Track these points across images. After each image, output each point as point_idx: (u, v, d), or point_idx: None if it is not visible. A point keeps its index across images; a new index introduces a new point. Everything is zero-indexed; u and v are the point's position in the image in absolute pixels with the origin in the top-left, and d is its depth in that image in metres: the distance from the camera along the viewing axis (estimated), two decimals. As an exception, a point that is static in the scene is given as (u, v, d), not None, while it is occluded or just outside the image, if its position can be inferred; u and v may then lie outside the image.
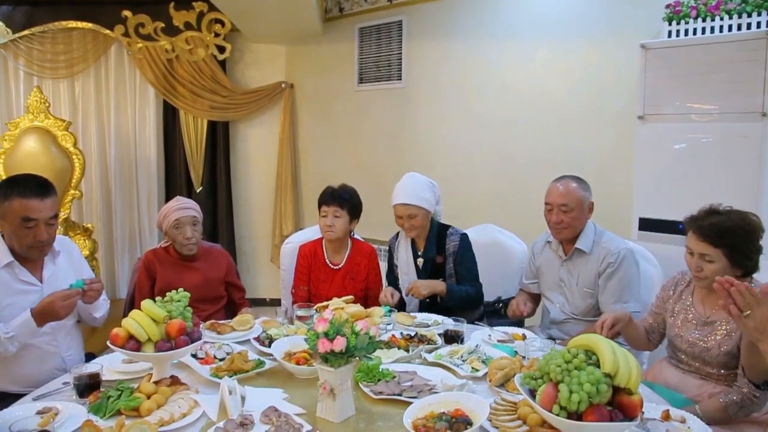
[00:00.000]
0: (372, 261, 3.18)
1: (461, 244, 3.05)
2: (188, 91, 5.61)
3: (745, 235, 2.12)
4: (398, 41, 4.91)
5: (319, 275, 3.13)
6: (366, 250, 3.20)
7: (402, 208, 3.03)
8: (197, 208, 3.04)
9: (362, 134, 5.31)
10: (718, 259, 2.13)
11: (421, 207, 3.01)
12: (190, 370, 2.15)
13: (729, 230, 2.12)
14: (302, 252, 3.18)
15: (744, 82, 3.03)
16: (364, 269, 3.15)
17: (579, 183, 2.81)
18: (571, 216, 2.75)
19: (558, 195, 2.78)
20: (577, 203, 2.75)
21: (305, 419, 1.77)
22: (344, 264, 3.13)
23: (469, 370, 2.13)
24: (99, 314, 2.55)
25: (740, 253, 2.12)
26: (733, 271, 2.13)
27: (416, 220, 3.02)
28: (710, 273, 2.15)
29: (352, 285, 3.10)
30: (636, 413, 1.46)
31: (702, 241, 2.16)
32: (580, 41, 3.92)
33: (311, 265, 3.14)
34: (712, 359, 2.19)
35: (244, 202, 6.06)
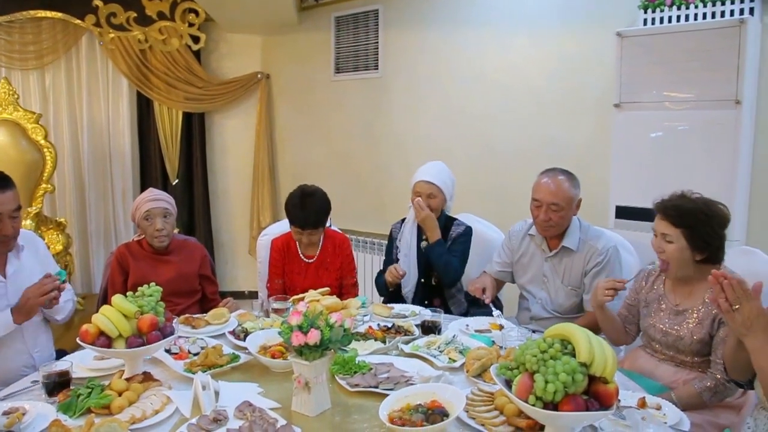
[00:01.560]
0: (345, 250, 3.16)
1: (464, 232, 3.08)
2: (162, 82, 5.52)
3: (705, 219, 2.15)
4: (375, 30, 4.86)
5: (293, 268, 3.10)
6: (338, 240, 3.17)
7: (425, 186, 3.03)
8: (170, 201, 2.99)
9: (339, 124, 5.27)
10: (677, 240, 2.17)
11: (442, 191, 3.03)
12: (164, 365, 2.12)
13: (689, 212, 2.16)
14: (275, 246, 3.15)
15: (718, 70, 3.04)
16: (337, 259, 3.12)
17: (569, 179, 2.75)
18: (560, 215, 2.71)
19: (549, 193, 2.71)
20: (567, 202, 2.70)
21: (280, 413, 1.74)
22: (317, 256, 3.10)
23: (446, 360, 2.12)
24: (60, 316, 2.50)
25: (699, 236, 2.15)
26: (693, 254, 2.18)
27: (434, 201, 3.02)
28: (669, 254, 2.19)
29: (326, 275, 3.07)
30: (612, 402, 1.46)
31: (663, 221, 2.21)
32: (557, 29, 3.91)
33: (284, 258, 3.11)
34: (685, 347, 2.21)
35: (221, 193, 6.00)
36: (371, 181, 5.06)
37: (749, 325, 1.65)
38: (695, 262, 2.19)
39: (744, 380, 1.87)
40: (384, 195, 4.94)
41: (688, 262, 2.19)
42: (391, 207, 4.71)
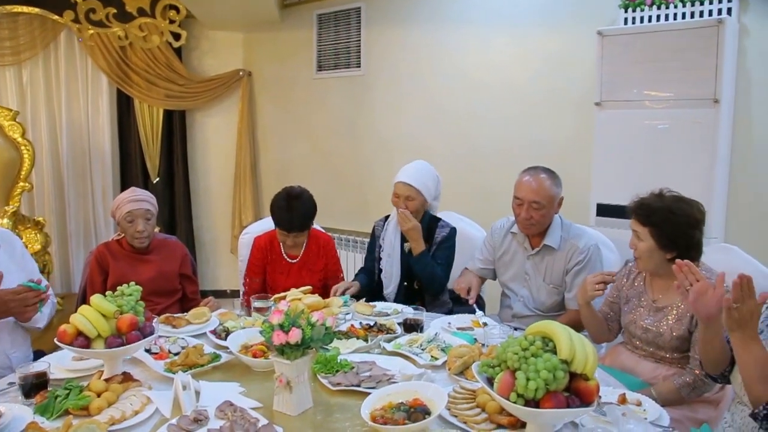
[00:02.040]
0: (329, 251, 3.15)
1: (448, 235, 3.04)
2: (143, 80, 5.46)
3: (670, 218, 2.17)
4: (357, 28, 4.86)
5: (275, 267, 3.08)
6: (323, 240, 3.16)
7: (403, 187, 2.98)
8: (152, 201, 2.95)
9: (321, 122, 5.26)
10: (645, 238, 2.21)
11: (421, 193, 2.97)
12: (144, 365, 2.10)
13: (656, 211, 2.19)
14: (257, 244, 3.13)
15: (697, 69, 3.07)
16: (321, 260, 3.11)
17: (551, 178, 2.75)
18: (542, 213, 2.71)
19: (530, 191, 2.71)
20: (548, 200, 2.71)
21: (261, 413, 1.73)
22: (301, 256, 3.08)
23: (428, 358, 2.12)
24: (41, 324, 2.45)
25: (665, 235, 2.18)
26: (661, 253, 2.21)
27: (412, 203, 2.97)
28: (640, 251, 2.23)
29: (310, 276, 3.05)
30: (592, 399, 1.47)
31: (634, 219, 2.25)
32: (538, 28, 3.93)
33: (266, 257, 3.09)
34: (665, 343, 2.24)
35: (202, 192, 5.95)
36: (354, 179, 5.05)
37: (742, 323, 1.68)
38: (667, 261, 2.21)
39: (717, 373, 1.90)
40: (367, 193, 4.94)
41: (659, 259, 2.22)
42: (373, 205, 4.71)
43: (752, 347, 1.67)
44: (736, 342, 1.70)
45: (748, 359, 1.67)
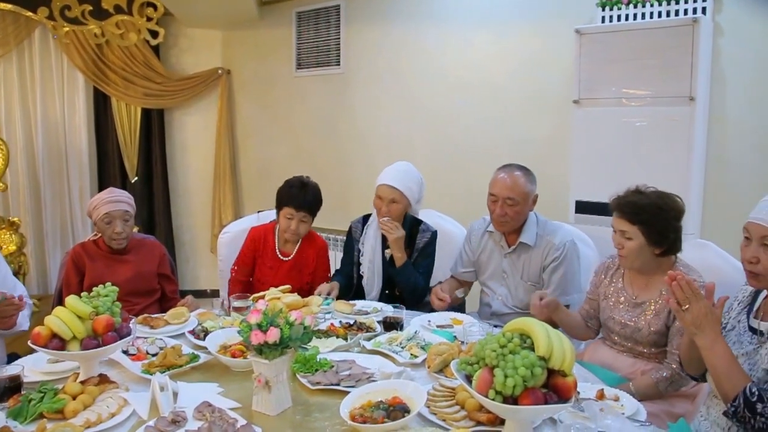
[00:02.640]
0: (322, 255, 3.12)
1: (430, 240, 3.02)
2: (120, 78, 5.39)
3: (660, 213, 2.20)
4: (336, 26, 4.84)
5: (265, 261, 3.05)
6: (317, 244, 3.12)
7: (387, 190, 2.92)
8: (130, 202, 2.92)
9: (301, 121, 5.23)
10: (635, 236, 2.22)
11: (405, 196, 2.93)
12: (121, 367, 2.07)
13: (644, 208, 2.20)
14: (252, 235, 3.09)
15: (673, 68, 3.11)
16: (312, 262, 3.08)
17: (526, 175, 2.76)
18: (516, 210, 2.72)
19: (504, 187, 2.72)
20: (523, 197, 2.72)
21: (240, 413, 1.72)
22: (294, 256, 3.05)
23: (408, 356, 2.12)
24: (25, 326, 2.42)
25: (655, 231, 2.20)
26: (651, 248, 2.22)
27: (395, 206, 2.92)
28: (629, 250, 2.23)
29: (299, 277, 3.02)
30: (570, 395, 1.48)
31: (621, 218, 2.25)
32: (517, 26, 3.95)
33: (258, 249, 3.06)
34: (643, 339, 2.26)
35: (182, 191, 5.90)
36: (334, 177, 5.03)
37: (699, 324, 1.70)
38: (654, 256, 2.24)
39: (698, 374, 1.92)
40: (347, 192, 4.92)
41: (648, 256, 2.24)
42: (354, 204, 4.69)
43: (716, 348, 1.69)
44: (699, 344, 1.72)
45: (714, 360, 1.69)
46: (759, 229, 1.70)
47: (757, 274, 1.71)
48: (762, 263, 1.69)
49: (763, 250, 1.68)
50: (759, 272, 1.70)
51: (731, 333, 1.86)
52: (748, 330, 1.80)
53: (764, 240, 1.68)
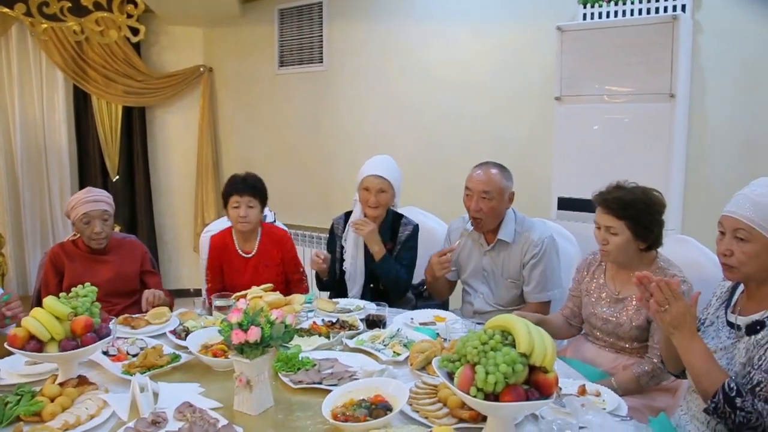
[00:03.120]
0: (285, 245, 3.11)
1: (412, 233, 3.05)
2: (100, 76, 5.33)
3: (645, 208, 2.22)
4: (319, 23, 4.82)
5: (231, 265, 3.03)
6: (278, 235, 3.11)
7: (375, 180, 2.93)
8: (109, 201, 2.88)
9: (284, 118, 5.21)
10: (622, 232, 2.22)
11: (392, 186, 2.97)
12: (101, 368, 2.05)
13: (631, 203, 2.21)
14: (213, 243, 3.08)
15: (654, 64, 3.12)
16: (277, 254, 3.06)
17: (501, 171, 2.78)
18: (491, 205, 2.73)
19: (479, 182, 2.74)
20: (497, 192, 2.72)
21: (222, 413, 1.71)
22: (256, 252, 3.04)
23: (390, 354, 2.12)
24: None
25: (642, 226, 2.21)
26: (636, 243, 2.24)
27: (384, 196, 2.95)
28: (615, 245, 2.24)
29: (267, 272, 3.00)
30: (551, 391, 1.48)
31: (607, 214, 2.25)
32: (499, 24, 3.96)
33: (221, 256, 3.04)
34: (625, 334, 2.28)
35: (164, 190, 5.85)
36: (317, 175, 5.02)
37: (676, 324, 1.71)
38: (638, 251, 2.26)
39: (678, 371, 1.94)
40: (330, 189, 4.91)
41: (632, 251, 2.25)
42: (337, 201, 4.68)
43: (693, 346, 1.70)
44: (677, 343, 1.73)
45: (691, 359, 1.71)
46: (732, 222, 1.72)
47: (731, 266, 1.73)
48: (735, 256, 1.70)
49: (736, 242, 1.70)
50: (733, 264, 1.72)
51: (710, 328, 1.87)
52: (726, 325, 1.81)
53: (737, 233, 1.70)
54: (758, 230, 1.66)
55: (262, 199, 3.00)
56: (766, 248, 1.66)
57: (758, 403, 1.58)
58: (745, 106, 3.17)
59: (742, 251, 1.69)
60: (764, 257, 1.67)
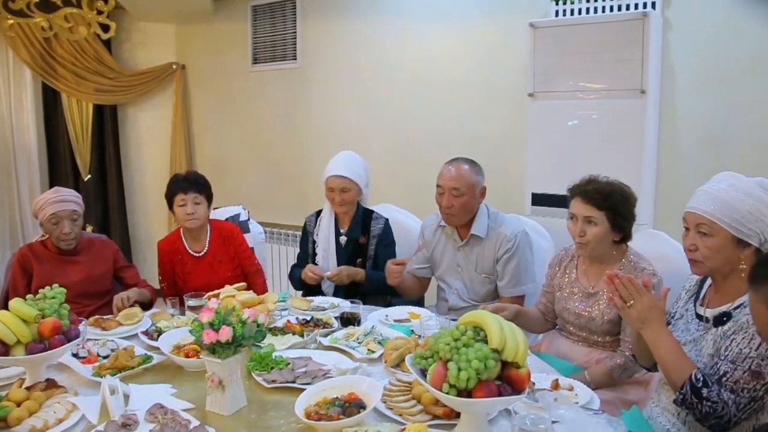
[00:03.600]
0: (236, 238, 3.09)
1: (385, 228, 3.08)
2: (70, 73, 5.23)
3: (623, 200, 2.27)
4: (292, 20, 4.78)
5: (183, 267, 3.00)
6: (227, 230, 3.09)
7: (337, 181, 2.99)
8: (78, 201, 2.84)
9: (258, 116, 5.17)
10: (601, 222, 2.25)
11: (355, 182, 3.00)
12: (70, 371, 2.02)
13: (610, 194, 2.26)
14: (161, 248, 3.05)
15: (624, 61, 3.15)
16: (229, 249, 3.05)
17: (471, 166, 2.79)
18: (462, 201, 2.73)
19: (450, 178, 2.75)
20: (468, 188, 2.73)
21: (194, 414, 1.69)
22: (207, 250, 3.01)
23: (365, 352, 2.11)
24: None
25: (620, 216, 2.25)
26: (613, 234, 2.27)
27: (349, 194, 2.99)
28: (593, 236, 2.26)
29: (223, 269, 3.00)
30: (524, 386, 1.49)
31: (587, 204, 2.27)
32: (473, 20, 3.96)
33: (172, 260, 3.00)
34: (597, 328, 2.30)
35: (137, 188, 5.77)
36: (292, 172, 4.99)
37: (644, 319, 1.75)
38: (612, 243, 2.29)
39: (650, 365, 1.97)
40: (305, 187, 4.89)
41: (608, 243, 2.29)
42: (312, 199, 4.65)
43: (662, 340, 1.74)
44: (646, 337, 1.77)
45: (660, 352, 1.74)
46: (694, 218, 1.76)
47: (696, 261, 1.77)
48: (700, 250, 1.74)
49: (700, 237, 1.74)
50: (698, 259, 1.76)
51: (680, 321, 1.90)
52: (695, 317, 1.85)
53: (699, 228, 1.74)
54: (719, 224, 1.70)
55: (208, 195, 2.99)
56: (728, 242, 1.70)
57: (724, 393, 1.60)
58: (714, 101, 3.21)
59: (705, 245, 1.73)
60: (727, 250, 1.71)
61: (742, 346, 1.62)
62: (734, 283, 1.75)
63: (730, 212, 1.69)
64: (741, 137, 3.15)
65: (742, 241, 1.70)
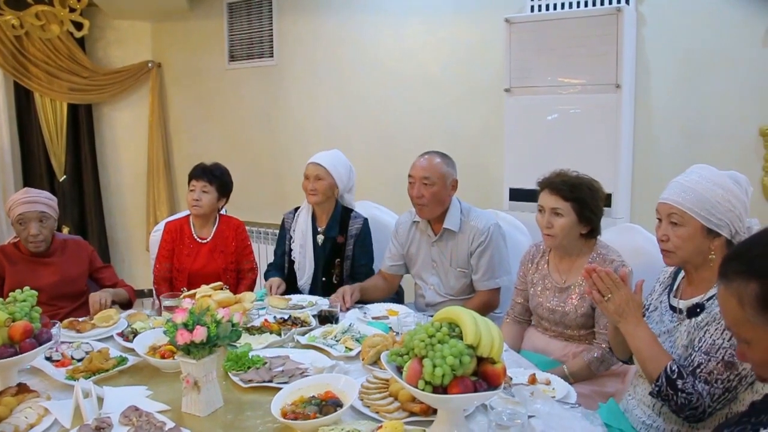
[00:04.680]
0: (240, 234, 3.19)
1: (363, 227, 3.07)
2: (43, 72, 5.14)
3: (590, 192, 2.29)
4: (269, 17, 4.75)
5: (182, 250, 3.08)
6: (233, 223, 3.19)
7: (311, 167, 3.01)
8: (49, 202, 2.79)
9: (236, 114, 5.13)
10: (567, 213, 2.27)
11: (330, 173, 2.99)
12: (43, 375, 1.99)
13: (578, 186, 2.28)
14: (167, 228, 3.15)
15: (599, 56, 3.16)
16: (232, 242, 3.14)
17: (443, 158, 2.82)
18: (432, 191, 2.75)
19: (420, 168, 2.78)
20: (439, 178, 2.75)
21: (169, 416, 1.67)
22: (212, 238, 3.10)
23: (342, 349, 2.11)
24: None
25: (587, 208, 2.27)
26: (580, 227, 2.29)
27: (321, 183, 2.98)
28: (560, 227, 2.28)
29: (222, 258, 3.09)
30: (499, 381, 1.49)
31: (554, 195, 2.29)
32: (450, 16, 3.96)
33: (175, 240, 3.09)
34: (571, 322, 2.32)
35: (114, 188, 5.69)
36: (270, 170, 4.97)
37: (621, 312, 1.77)
38: (579, 236, 2.30)
39: (626, 358, 1.99)
40: (283, 184, 4.86)
41: (574, 235, 2.30)
42: (290, 196, 4.63)
43: (638, 333, 1.76)
44: (623, 330, 1.79)
45: (637, 344, 1.76)
46: (666, 208, 1.79)
47: (668, 251, 1.79)
48: (671, 240, 1.77)
49: (671, 227, 1.77)
50: (670, 249, 1.78)
51: (654, 313, 1.92)
52: (669, 309, 1.87)
53: (671, 218, 1.77)
54: (689, 214, 1.72)
55: (220, 186, 3.09)
56: (699, 231, 1.73)
57: (699, 384, 1.62)
58: (688, 95, 3.24)
59: (676, 235, 1.75)
60: (697, 240, 1.74)
61: (715, 337, 1.64)
62: (706, 274, 1.77)
63: (700, 202, 1.71)
64: (715, 131, 3.19)
65: (712, 231, 1.72)
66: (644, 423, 1.83)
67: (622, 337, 1.82)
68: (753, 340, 1.14)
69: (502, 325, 2.58)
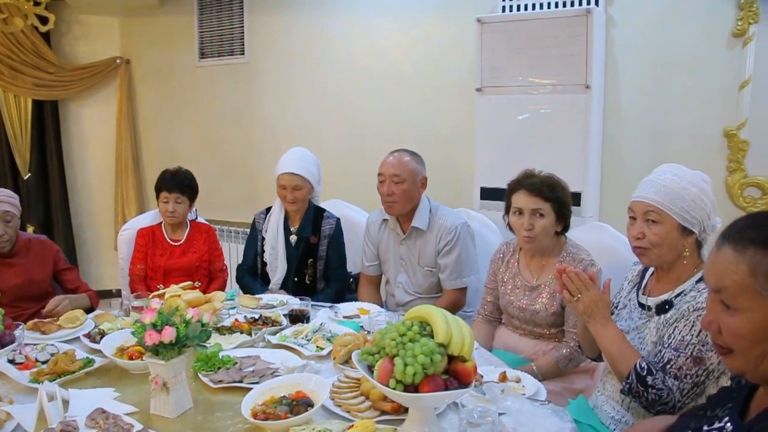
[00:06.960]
0: (210, 237, 3.29)
1: (336, 228, 3.07)
2: (6, 67, 5.01)
3: (563, 191, 2.33)
4: (240, 14, 4.71)
5: (156, 251, 3.15)
6: (204, 228, 3.31)
7: (288, 178, 2.96)
8: (12, 201, 2.72)
9: (206, 111, 5.07)
10: (548, 213, 2.29)
11: (307, 179, 2.97)
12: (7, 378, 1.93)
13: (555, 185, 2.31)
14: (141, 233, 3.21)
15: (569, 57, 3.20)
16: (204, 244, 3.23)
17: (412, 156, 2.84)
18: (402, 188, 2.76)
19: (390, 165, 2.80)
20: (408, 175, 2.76)
21: (137, 418, 1.64)
22: (184, 240, 3.19)
23: (313, 349, 2.09)
24: None
25: (564, 206, 2.31)
26: (557, 225, 2.32)
27: (300, 192, 2.97)
28: (542, 228, 2.29)
29: (194, 258, 3.17)
30: (470, 380, 1.49)
31: (534, 196, 2.30)
32: (421, 15, 3.97)
33: (148, 244, 3.15)
34: (542, 320, 2.34)
35: (81, 187, 5.59)
36: (241, 169, 4.93)
37: (590, 312, 1.80)
38: (554, 234, 2.33)
39: (595, 356, 2.02)
40: (255, 183, 4.83)
41: (551, 234, 2.33)
42: (262, 195, 4.61)
43: (607, 332, 1.79)
44: (592, 330, 1.81)
45: (606, 343, 1.79)
46: (641, 206, 1.81)
47: (645, 248, 1.81)
48: (647, 237, 1.79)
49: (647, 225, 1.79)
50: (646, 246, 1.80)
51: (623, 311, 1.95)
52: (638, 306, 1.89)
53: (647, 215, 1.79)
54: (667, 212, 1.75)
55: (191, 195, 3.19)
56: (675, 229, 1.76)
57: (668, 380, 1.65)
58: (656, 96, 3.30)
59: (653, 233, 1.77)
60: (673, 237, 1.77)
61: (684, 333, 1.67)
62: (676, 271, 1.80)
63: (677, 200, 1.74)
64: (681, 131, 3.25)
65: (687, 229, 1.75)
66: (613, 418, 1.86)
67: (591, 335, 1.84)
68: (749, 309, 1.08)
69: (473, 323, 2.60)
